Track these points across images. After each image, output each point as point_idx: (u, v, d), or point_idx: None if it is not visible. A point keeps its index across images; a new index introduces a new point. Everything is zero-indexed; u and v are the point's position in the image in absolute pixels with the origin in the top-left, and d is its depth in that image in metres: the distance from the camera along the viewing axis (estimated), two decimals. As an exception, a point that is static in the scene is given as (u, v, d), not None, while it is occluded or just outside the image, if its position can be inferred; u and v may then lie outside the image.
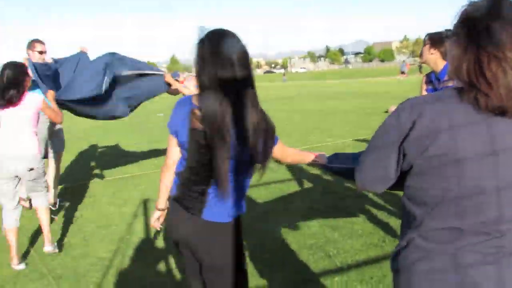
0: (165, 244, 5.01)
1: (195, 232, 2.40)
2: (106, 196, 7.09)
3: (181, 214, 2.41)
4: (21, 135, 4.59)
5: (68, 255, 4.88)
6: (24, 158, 4.58)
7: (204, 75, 2.22)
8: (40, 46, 6.16)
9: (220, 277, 2.47)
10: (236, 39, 2.26)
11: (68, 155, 10.78)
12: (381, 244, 4.69)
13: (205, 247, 2.41)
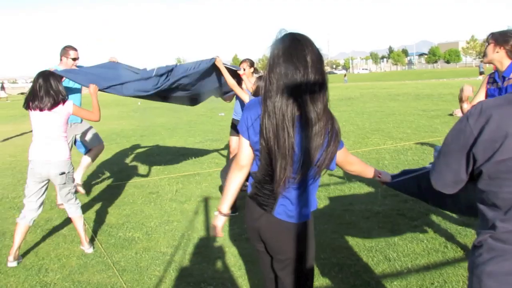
0: (224, 241, 5.09)
1: (267, 228, 2.49)
2: (169, 192, 7.26)
3: (256, 211, 2.51)
4: (52, 140, 4.75)
5: (132, 249, 5.03)
6: (55, 163, 4.73)
7: (274, 76, 2.25)
8: (74, 53, 6.47)
9: (287, 272, 2.55)
10: (310, 43, 2.27)
11: (132, 152, 11.14)
12: (443, 250, 4.60)
13: (275, 243, 2.51)
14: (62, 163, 4.76)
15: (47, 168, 4.70)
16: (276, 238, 2.49)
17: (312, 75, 2.21)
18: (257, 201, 2.50)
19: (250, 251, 4.79)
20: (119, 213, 6.33)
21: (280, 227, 2.45)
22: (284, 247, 2.49)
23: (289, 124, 2.22)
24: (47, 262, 4.76)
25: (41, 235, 5.54)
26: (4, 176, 9.09)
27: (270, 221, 2.46)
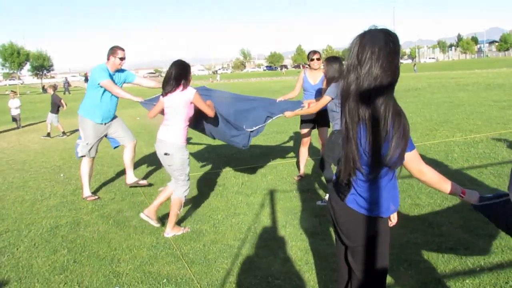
0: (291, 236, 5.09)
1: (339, 214, 2.58)
2: (235, 185, 7.33)
3: (334, 198, 2.62)
4: (169, 121, 5.22)
5: (200, 241, 5.11)
6: (163, 142, 5.19)
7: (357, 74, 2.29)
8: (121, 53, 6.70)
9: (357, 261, 2.58)
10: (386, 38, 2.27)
11: (198, 145, 11.30)
12: (518, 247, 4.41)
13: (345, 229, 2.57)
14: (168, 144, 5.19)
15: (158, 146, 5.29)
16: (346, 225, 2.56)
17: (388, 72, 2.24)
18: (337, 189, 2.59)
19: (316, 245, 4.78)
20: (186, 205, 6.44)
21: (349, 215, 2.51)
22: (353, 234, 2.54)
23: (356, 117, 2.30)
24: (119, 252, 4.92)
25: (113, 226, 5.72)
26: (77, 167, 9.32)
27: (342, 208, 2.54)
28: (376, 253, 2.54)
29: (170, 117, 5.22)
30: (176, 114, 5.18)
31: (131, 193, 7.18)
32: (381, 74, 2.23)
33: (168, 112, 5.22)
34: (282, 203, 6.28)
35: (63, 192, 7.52)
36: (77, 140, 7.03)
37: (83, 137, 6.87)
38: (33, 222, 6.05)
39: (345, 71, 2.36)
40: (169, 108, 5.19)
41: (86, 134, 6.84)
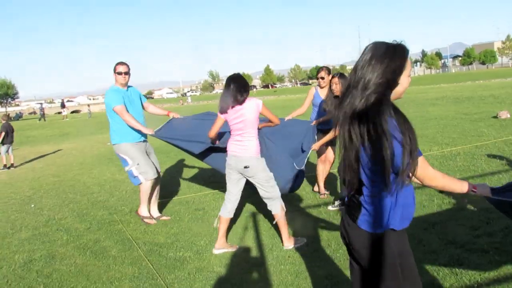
0: (278, 259, 4.90)
1: (354, 239, 2.47)
2: (215, 209, 7.10)
3: (347, 220, 2.52)
4: (241, 135, 5.11)
5: (184, 269, 4.88)
6: (240, 158, 5.13)
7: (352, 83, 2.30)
8: (122, 67, 6.48)
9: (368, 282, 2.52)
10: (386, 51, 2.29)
11: (173, 167, 11.06)
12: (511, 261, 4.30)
13: (363, 255, 2.45)
14: (247, 158, 5.13)
15: (235, 160, 5.17)
16: (362, 249, 2.44)
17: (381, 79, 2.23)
18: (348, 210, 2.52)
19: (307, 268, 4.61)
20: (167, 231, 6.20)
21: (364, 238, 2.41)
22: (371, 257, 2.43)
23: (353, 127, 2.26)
24: (99, 286, 4.64)
25: (91, 257, 5.44)
26: (49, 197, 9.11)
27: (355, 231, 2.45)
28: (384, 274, 2.40)
29: (241, 131, 5.11)
30: (248, 126, 5.08)
31: (108, 221, 6.90)
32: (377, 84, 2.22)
33: (238, 127, 5.10)
34: (266, 225, 6.09)
35: (35, 223, 7.17)
36: (125, 169, 6.65)
37: (130, 160, 6.52)
38: (4, 257, 5.72)
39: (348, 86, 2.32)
40: (239, 123, 5.08)
41: (131, 156, 6.52)
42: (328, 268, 4.57)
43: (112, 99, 6.39)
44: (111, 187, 9.50)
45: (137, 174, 6.52)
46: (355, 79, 2.28)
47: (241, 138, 5.10)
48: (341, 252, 4.92)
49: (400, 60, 2.29)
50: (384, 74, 2.24)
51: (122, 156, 6.54)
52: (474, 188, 2.52)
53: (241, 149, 5.10)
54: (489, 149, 9.59)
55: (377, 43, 2.32)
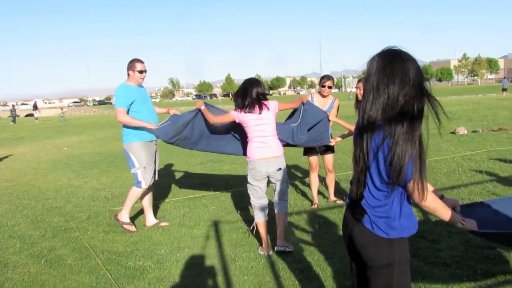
0: (241, 269, 4.81)
1: (359, 237, 2.50)
2: (176, 217, 6.97)
3: (350, 218, 2.58)
4: (266, 137, 5.21)
5: (144, 279, 4.73)
6: (277, 159, 5.22)
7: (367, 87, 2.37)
8: (140, 66, 6.23)
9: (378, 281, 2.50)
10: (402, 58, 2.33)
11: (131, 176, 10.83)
12: (473, 275, 4.31)
13: (366, 252, 2.49)
14: (279, 159, 5.28)
15: (266, 165, 5.21)
16: (366, 247, 2.48)
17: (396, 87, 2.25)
18: (352, 210, 2.56)
19: (270, 279, 4.52)
20: (126, 240, 6.02)
21: (368, 236, 2.45)
22: (373, 256, 2.47)
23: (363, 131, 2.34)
24: (55, 296, 4.46)
25: (46, 266, 5.22)
26: (1, 202, 8.76)
27: (360, 229, 2.49)
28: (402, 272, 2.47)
29: (267, 132, 5.21)
30: (272, 126, 5.25)
31: (64, 228, 6.66)
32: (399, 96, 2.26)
33: (262, 128, 5.20)
34: (228, 234, 5.99)
35: (-14, 230, 6.87)
36: (131, 170, 6.40)
37: (137, 162, 6.28)
38: (-47, 264, 5.43)
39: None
40: (262, 125, 5.19)
41: (138, 158, 6.26)
42: (292, 279, 4.50)
43: (118, 98, 6.13)
44: (67, 193, 9.21)
45: (141, 178, 6.32)
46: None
47: (267, 139, 5.20)
48: (305, 263, 4.86)
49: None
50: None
51: (131, 156, 6.29)
52: (462, 221, 2.57)
53: (273, 150, 5.21)
54: (448, 164, 9.74)
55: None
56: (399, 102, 2.24)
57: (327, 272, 4.60)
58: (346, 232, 2.64)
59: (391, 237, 2.40)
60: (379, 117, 2.28)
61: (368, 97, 2.32)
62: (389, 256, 2.42)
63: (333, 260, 4.89)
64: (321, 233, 5.80)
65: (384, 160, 2.25)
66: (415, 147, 2.22)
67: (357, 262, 2.64)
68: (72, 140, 21.63)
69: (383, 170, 2.28)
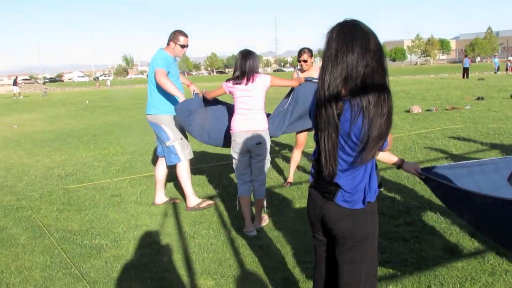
0: (201, 246, 4.76)
1: (331, 214, 2.47)
2: (132, 195, 6.83)
3: (318, 197, 2.54)
4: (251, 110, 5.05)
5: (101, 257, 4.61)
6: (255, 132, 5.04)
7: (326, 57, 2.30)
8: (184, 40, 5.88)
9: (354, 256, 2.49)
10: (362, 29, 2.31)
11: (86, 153, 10.59)
12: (431, 250, 4.40)
13: (341, 229, 2.47)
14: (260, 133, 5.10)
15: (246, 138, 5.06)
16: (340, 223, 2.46)
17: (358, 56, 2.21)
18: (320, 189, 2.51)
19: (230, 256, 4.49)
20: (81, 218, 5.86)
21: (343, 213, 2.43)
22: (350, 231, 2.45)
23: (328, 101, 2.25)
24: (7, 276, 4.28)
25: (-3, 246, 5.04)
26: None
27: (333, 207, 2.45)
28: (373, 246, 2.54)
29: (251, 105, 5.05)
30: (258, 100, 5.07)
31: (15, 207, 6.43)
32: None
33: (247, 101, 5.05)
34: (186, 212, 5.91)
35: None
36: (166, 143, 5.91)
37: (171, 134, 5.86)
38: None
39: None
40: (249, 97, 5.04)
41: (172, 129, 5.86)
42: (252, 256, 4.48)
43: (160, 61, 5.72)
44: (18, 172, 8.91)
45: (179, 150, 5.92)
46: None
47: (251, 112, 5.06)
48: (265, 240, 4.85)
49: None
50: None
51: (163, 128, 5.87)
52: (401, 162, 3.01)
53: (255, 123, 5.06)
54: (404, 142, 9.90)
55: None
56: (359, 73, 2.18)
57: (287, 249, 4.60)
58: (315, 212, 2.59)
59: (365, 206, 2.41)
60: (343, 91, 2.22)
61: (326, 67, 2.24)
62: (365, 228, 2.45)
63: (293, 237, 4.89)
64: (281, 209, 5.79)
65: (357, 137, 2.22)
66: (388, 122, 2.21)
67: (329, 241, 2.62)
68: (23, 118, 20.96)
69: (355, 145, 2.26)
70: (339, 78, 2.20)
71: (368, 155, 2.25)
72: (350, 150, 2.29)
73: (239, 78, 5.00)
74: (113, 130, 14.77)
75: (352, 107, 2.19)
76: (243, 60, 5.02)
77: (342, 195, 2.40)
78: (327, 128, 2.29)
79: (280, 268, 4.20)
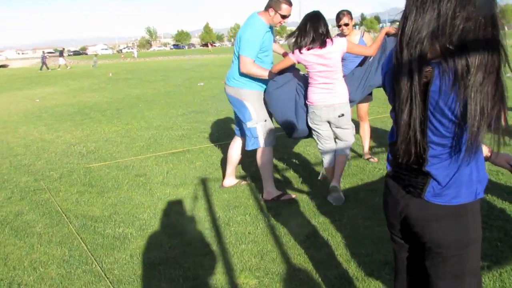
0: (237, 236, 4.18)
1: (420, 214, 1.89)
2: (159, 174, 6.27)
3: (399, 193, 1.96)
4: (331, 80, 4.57)
5: (125, 250, 4.05)
6: (337, 106, 4.62)
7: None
8: (287, 9, 4.87)
9: (440, 269, 1.92)
10: None
11: (110, 127, 10.09)
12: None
13: (425, 231, 1.90)
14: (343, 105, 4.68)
15: (327, 110, 4.64)
16: (428, 228, 1.88)
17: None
18: (400, 181, 1.94)
19: (273, 248, 3.91)
20: (103, 202, 5.33)
21: (432, 212, 1.84)
22: (439, 239, 1.87)
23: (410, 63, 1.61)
24: (20, 273, 3.75)
25: (11, 235, 4.53)
26: None
27: (419, 207, 1.87)
28: (476, 255, 1.94)
29: (330, 75, 4.54)
30: (337, 67, 4.56)
31: (33, 189, 5.92)
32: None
33: (325, 69, 4.51)
34: (218, 194, 5.33)
35: None
36: (247, 124, 5.06)
37: (255, 114, 5.02)
38: None
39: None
40: (327, 65, 4.50)
41: (257, 108, 5.02)
42: (298, 248, 3.89)
43: (248, 43, 4.81)
44: (38, 149, 8.41)
45: (260, 134, 5.05)
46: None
47: (331, 83, 4.57)
48: (309, 228, 4.26)
49: None
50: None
51: (246, 106, 5.03)
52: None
53: (336, 97, 4.60)
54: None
55: None
56: (456, 27, 1.53)
57: (336, 238, 4.00)
58: (395, 210, 2.00)
59: (466, 203, 1.80)
60: (429, 53, 1.59)
61: (409, 14, 1.62)
62: (466, 233, 1.85)
63: (341, 223, 4.29)
64: (323, 191, 5.17)
65: (453, 113, 1.59)
66: (497, 96, 1.55)
67: (413, 247, 2.05)
68: (45, 91, 20.51)
69: (451, 124, 1.63)
70: (425, 31, 1.57)
71: (471, 139, 1.59)
72: (444, 130, 1.66)
73: (313, 43, 4.41)
74: (136, 103, 14.21)
75: (444, 73, 1.56)
76: (314, 23, 4.43)
77: (433, 188, 1.80)
78: (409, 102, 1.66)
79: (331, 263, 3.61)
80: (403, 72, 1.64)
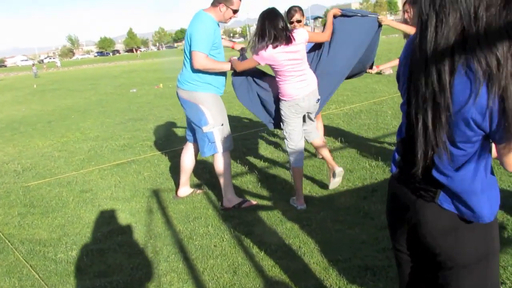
0: (203, 250, 3.93)
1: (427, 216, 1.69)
2: (106, 189, 5.88)
3: (407, 197, 1.76)
4: (302, 71, 4.51)
5: (83, 276, 3.72)
6: (315, 91, 4.64)
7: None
8: (237, 4, 4.68)
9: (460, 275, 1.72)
10: None
11: (43, 142, 9.53)
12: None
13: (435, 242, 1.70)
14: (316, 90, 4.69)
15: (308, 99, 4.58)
16: (441, 239, 1.69)
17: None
18: (409, 184, 1.74)
19: (242, 260, 3.68)
20: (49, 223, 4.93)
21: (447, 221, 1.66)
22: (453, 251, 1.68)
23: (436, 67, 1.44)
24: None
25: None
26: None
27: (429, 207, 1.68)
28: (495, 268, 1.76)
29: (300, 67, 4.48)
30: (304, 59, 4.52)
31: None
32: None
33: (296, 63, 4.42)
34: (174, 205, 5.05)
35: None
36: (203, 129, 4.75)
37: (211, 118, 4.72)
38: None
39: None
40: (297, 59, 4.42)
41: (213, 112, 4.73)
42: (270, 259, 3.69)
43: (201, 38, 4.50)
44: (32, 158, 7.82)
45: (218, 139, 4.78)
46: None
47: (303, 74, 4.52)
48: (278, 236, 4.06)
49: None
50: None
51: (202, 110, 4.74)
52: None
53: (312, 84, 4.60)
54: (389, 105, 9.25)
55: None
56: (480, 19, 1.37)
57: (309, 245, 3.83)
58: (401, 217, 1.82)
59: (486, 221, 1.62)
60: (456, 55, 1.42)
61: (429, 21, 1.45)
62: (484, 243, 1.67)
63: (311, 228, 4.13)
64: (285, 195, 5.00)
65: (483, 116, 1.42)
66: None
67: (420, 258, 1.85)
68: None
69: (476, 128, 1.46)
70: (453, 37, 1.41)
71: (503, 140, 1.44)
72: (469, 132, 1.48)
73: (277, 40, 4.28)
74: (68, 115, 13.57)
75: (469, 73, 1.40)
76: (272, 20, 4.29)
77: (448, 194, 1.63)
78: (429, 104, 1.50)
79: (309, 273, 3.43)
80: (425, 75, 1.48)
